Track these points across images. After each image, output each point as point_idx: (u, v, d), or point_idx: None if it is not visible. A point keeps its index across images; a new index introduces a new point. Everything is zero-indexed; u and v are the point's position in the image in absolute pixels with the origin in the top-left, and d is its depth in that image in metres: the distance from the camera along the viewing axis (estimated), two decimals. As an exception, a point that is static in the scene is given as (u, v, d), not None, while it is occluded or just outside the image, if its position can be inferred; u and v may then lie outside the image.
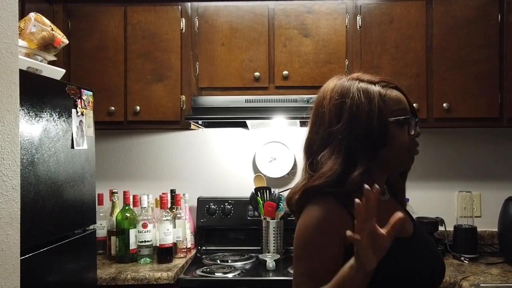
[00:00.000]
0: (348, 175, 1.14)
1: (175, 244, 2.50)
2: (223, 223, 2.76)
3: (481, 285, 2.02)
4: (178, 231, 2.51)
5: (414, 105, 2.36)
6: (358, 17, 2.51)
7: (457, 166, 2.84)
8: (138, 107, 2.52)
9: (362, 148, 1.16)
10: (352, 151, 1.16)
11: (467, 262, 2.45)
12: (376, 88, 1.20)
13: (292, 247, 1.19)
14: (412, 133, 1.21)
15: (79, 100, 1.97)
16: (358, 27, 2.51)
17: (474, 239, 2.55)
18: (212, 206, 2.76)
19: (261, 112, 2.47)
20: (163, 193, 2.53)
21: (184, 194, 2.67)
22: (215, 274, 2.28)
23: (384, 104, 1.18)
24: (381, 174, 1.24)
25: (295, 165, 2.86)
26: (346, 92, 1.19)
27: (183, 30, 2.54)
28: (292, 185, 2.82)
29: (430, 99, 2.49)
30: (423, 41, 2.49)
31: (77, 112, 1.95)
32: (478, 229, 2.60)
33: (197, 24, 2.54)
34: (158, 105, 2.52)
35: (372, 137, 1.16)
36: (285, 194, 2.68)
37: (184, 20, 2.53)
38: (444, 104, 2.46)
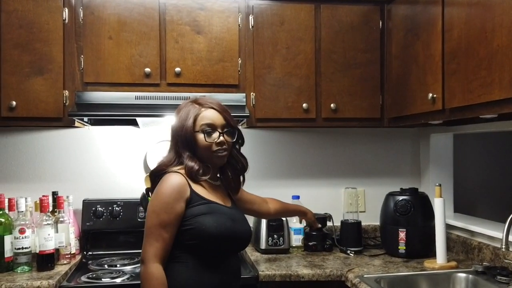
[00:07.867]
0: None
1: (57, 250, 2.32)
2: (111, 226, 2.62)
3: (364, 276, 2.13)
4: (61, 236, 2.34)
5: (304, 105, 2.49)
6: (250, 17, 2.52)
7: (343, 164, 2.98)
8: (14, 102, 2.29)
9: (182, 148, 1.73)
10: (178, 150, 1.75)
11: (352, 255, 2.58)
12: (195, 109, 1.73)
13: None
14: (209, 140, 1.71)
15: None
16: (250, 26, 2.53)
17: (359, 233, 2.68)
18: (99, 209, 2.61)
19: (152, 110, 2.38)
20: (43, 196, 2.33)
21: (68, 197, 2.49)
22: (102, 279, 2.15)
23: (195, 121, 1.72)
24: (212, 166, 1.77)
25: (188, 164, 2.81)
26: (181, 111, 1.77)
27: (66, 21, 2.36)
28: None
29: (319, 99, 2.58)
30: (312, 43, 2.57)
31: None
32: (362, 223, 2.74)
33: (81, 15, 2.38)
34: (38, 100, 2.33)
35: (186, 141, 1.72)
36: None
37: (67, 10, 2.36)
38: (332, 105, 2.57)
